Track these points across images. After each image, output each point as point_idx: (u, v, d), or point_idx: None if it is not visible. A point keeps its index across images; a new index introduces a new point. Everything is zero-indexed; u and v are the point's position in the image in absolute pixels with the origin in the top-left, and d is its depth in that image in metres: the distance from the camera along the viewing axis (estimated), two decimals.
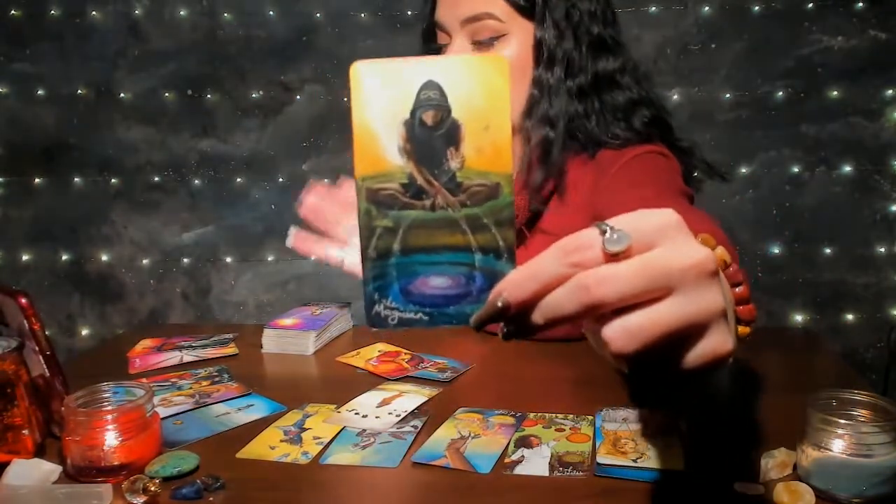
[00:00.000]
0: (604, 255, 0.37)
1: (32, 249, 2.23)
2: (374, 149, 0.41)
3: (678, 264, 0.37)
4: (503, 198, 0.41)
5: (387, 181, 0.41)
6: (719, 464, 0.67)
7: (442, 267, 0.41)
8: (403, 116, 0.41)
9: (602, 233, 0.37)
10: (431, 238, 0.41)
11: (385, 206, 0.41)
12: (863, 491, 0.60)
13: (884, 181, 1.92)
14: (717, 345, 0.38)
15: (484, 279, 0.41)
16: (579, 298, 0.37)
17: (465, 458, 0.70)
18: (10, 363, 0.70)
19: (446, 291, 0.42)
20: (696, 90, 1.94)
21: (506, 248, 0.41)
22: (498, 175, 0.41)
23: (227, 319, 2.21)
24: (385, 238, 0.41)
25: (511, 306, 0.39)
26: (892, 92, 1.87)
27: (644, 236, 0.37)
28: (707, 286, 0.37)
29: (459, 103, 0.40)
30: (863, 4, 1.85)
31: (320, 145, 2.09)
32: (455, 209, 0.41)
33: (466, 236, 0.41)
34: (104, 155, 2.16)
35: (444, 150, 0.41)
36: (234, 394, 0.88)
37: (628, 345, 0.36)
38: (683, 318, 0.37)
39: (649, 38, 1.93)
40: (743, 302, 0.51)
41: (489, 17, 0.98)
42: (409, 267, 0.41)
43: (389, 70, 0.41)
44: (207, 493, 0.64)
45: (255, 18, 2.05)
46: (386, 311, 0.42)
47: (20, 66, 2.14)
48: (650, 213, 0.38)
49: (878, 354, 1.96)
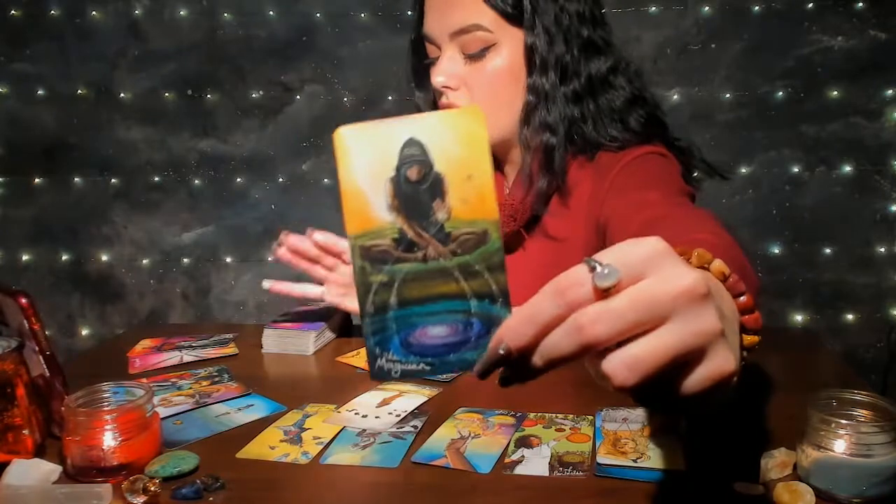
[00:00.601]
0: (595, 292, 0.37)
1: (32, 249, 2.24)
2: (363, 208, 0.42)
3: (669, 292, 0.37)
4: (492, 243, 0.42)
5: (378, 237, 0.42)
6: (719, 464, 0.67)
7: (439, 316, 0.42)
8: (389, 174, 0.42)
9: (591, 269, 0.38)
10: (426, 289, 0.42)
11: (379, 262, 0.42)
12: (863, 491, 0.60)
13: (884, 181, 1.92)
14: (718, 366, 0.38)
15: (481, 325, 0.42)
16: (575, 339, 0.37)
17: (465, 458, 0.70)
18: (10, 363, 0.70)
19: (446, 340, 0.42)
20: (696, 90, 1.94)
21: (500, 292, 0.42)
22: (485, 222, 0.42)
23: (227, 319, 2.21)
24: (381, 293, 0.42)
25: (512, 352, 0.39)
26: (892, 92, 1.88)
27: (633, 268, 0.38)
28: (700, 309, 0.37)
29: (441, 157, 0.42)
30: (863, 4, 1.85)
31: (320, 145, 2.09)
32: (447, 259, 0.42)
33: (460, 284, 0.42)
34: (104, 155, 2.16)
35: (430, 203, 0.42)
36: (234, 394, 0.88)
37: (629, 378, 0.37)
38: (680, 345, 0.37)
39: (649, 38, 1.93)
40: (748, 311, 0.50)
41: (478, 28, 0.97)
42: (407, 319, 0.42)
43: (372, 132, 0.42)
44: (207, 494, 0.64)
45: (255, 18, 2.06)
46: (388, 365, 0.43)
47: (20, 66, 2.14)
48: (636, 244, 0.39)
49: (878, 354, 1.96)
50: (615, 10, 1.90)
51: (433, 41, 1.02)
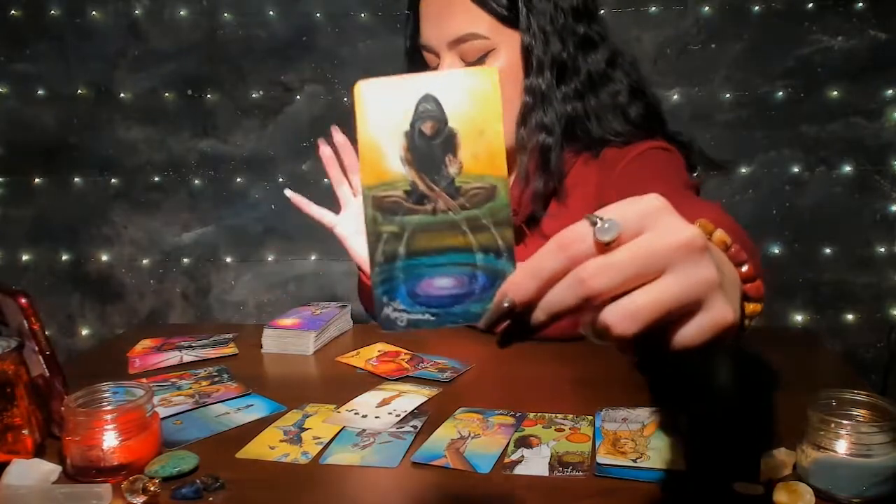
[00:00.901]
0: (596, 246, 0.39)
1: (32, 249, 2.23)
2: (377, 160, 0.43)
3: (667, 244, 0.38)
4: (500, 199, 0.43)
5: (391, 189, 0.43)
6: (719, 464, 0.67)
7: (446, 268, 0.43)
8: (404, 128, 0.43)
9: (592, 224, 0.39)
10: (434, 240, 0.43)
11: (390, 213, 0.43)
12: (863, 491, 0.60)
13: (884, 181, 1.92)
14: (717, 316, 0.39)
15: (486, 278, 0.43)
16: (577, 292, 0.39)
17: (465, 458, 0.70)
18: (10, 363, 0.70)
19: (451, 291, 0.44)
20: (696, 90, 1.94)
21: (505, 247, 0.43)
22: (494, 178, 0.43)
23: (227, 319, 2.21)
24: (391, 242, 0.43)
25: (517, 305, 0.40)
26: (892, 92, 1.87)
27: (633, 223, 0.39)
28: (697, 260, 0.39)
29: (454, 113, 0.43)
30: (863, 4, 1.85)
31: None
32: (455, 212, 0.43)
33: (467, 237, 0.43)
34: (104, 155, 2.16)
35: (442, 158, 0.43)
36: (233, 394, 0.88)
37: (629, 327, 0.38)
38: (679, 294, 0.38)
39: (649, 38, 1.93)
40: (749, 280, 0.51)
41: (474, 37, 0.98)
42: (414, 269, 0.44)
43: (389, 87, 0.44)
44: (207, 493, 0.64)
45: (255, 18, 2.06)
46: (395, 314, 0.44)
47: (20, 66, 2.14)
48: (637, 200, 0.40)
49: (878, 354, 1.96)
50: (615, 10, 1.90)
51: (431, 50, 1.02)
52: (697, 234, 0.39)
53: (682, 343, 0.39)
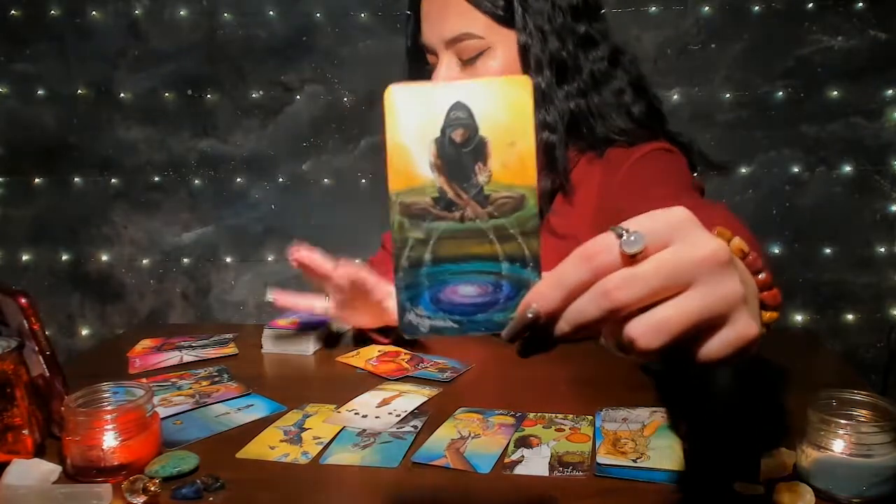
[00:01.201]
0: (622, 258, 0.39)
1: (32, 249, 2.23)
2: (406, 165, 0.43)
3: (693, 258, 0.38)
4: (528, 209, 0.43)
5: (419, 195, 0.43)
6: (719, 464, 0.67)
7: (470, 276, 0.43)
8: (434, 135, 0.43)
9: (619, 236, 0.39)
10: (460, 248, 0.43)
11: (417, 219, 0.43)
12: (863, 491, 0.60)
13: (884, 181, 1.92)
14: (742, 330, 0.39)
15: (511, 287, 0.43)
16: (601, 304, 0.38)
17: (465, 458, 0.70)
18: (10, 363, 0.70)
19: (475, 300, 0.43)
20: (696, 90, 1.94)
21: (531, 257, 0.43)
22: (523, 187, 0.43)
23: (227, 319, 2.21)
24: (417, 249, 0.43)
25: (541, 316, 0.40)
26: (892, 92, 1.87)
27: (658, 236, 0.39)
28: (723, 275, 0.38)
29: (486, 121, 0.43)
30: (863, 4, 1.85)
31: (320, 145, 2.09)
32: (483, 220, 0.43)
33: (494, 246, 0.43)
34: (104, 155, 2.16)
35: (472, 166, 0.43)
36: (233, 394, 0.88)
37: (654, 340, 0.38)
38: (704, 309, 0.38)
39: (649, 38, 1.93)
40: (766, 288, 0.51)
41: (469, 36, 0.98)
42: (439, 276, 0.43)
43: (421, 93, 0.44)
44: (207, 493, 0.64)
45: (255, 18, 2.05)
46: (417, 319, 0.44)
47: (20, 66, 2.14)
48: (662, 213, 0.40)
49: (878, 354, 1.96)
50: (615, 10, 1.90)
51: (431, 49, 1.03)
52: (723, 247, 0.39)
53: (707, 357, 0.39)
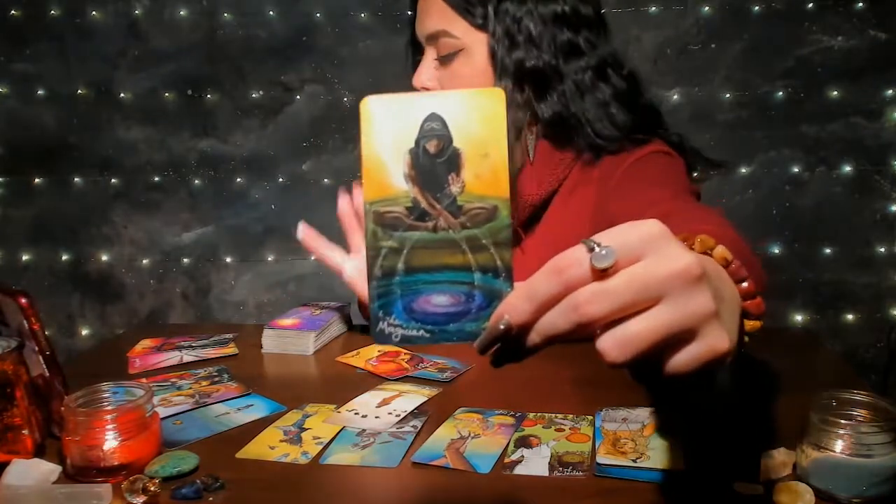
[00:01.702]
0: (592, 272, 0.39)
1: (32, 249, 2.24)
2: (381, 175, 0.44)
3: (663, 273, 0.38)
4: (501, 220, 0.43)
5: (393, 205, 0.44)
6: (719, 464, 0.67)
7: (443, 286, 0.44)
8: (409, 146, 0.44)
9: (590, 250, 0.39)
10: (433, 258, 0.44)
11: (390, 228, 0.44)
12: (863, 491, 0.60)
13: (884, 181, 1.92)
14: (710, 345, 0.39)
15: (483, 297, 0.44)
16: (571, 317, 0.39)
17: (465, 458, 0.70)
18: (10, 363, 0.70)
19: (447, 309, 0.44)
20: (696, 90, 1.94)
21: (504, 268, 0.43)
22: (496, 199, 0.44)
23: (227, 319, 2.21)
24: (390, 258, 0.44)
25: (513, 328, 0.41)
26: (892, 92, 1.88)
27: (630, 249, 0.39)
28: (694, 290, 0.38)
29: (460, 133, 0.44)
30: (863, 4, 1.85)
31: (320, 145, 2.09)
32: (456, 231, 0.44)
33: (466, 256, 0.44)
34: (104, 155, 2.16)
35: (445, 176, 0.44)
36: (233, 394, 0.88)
37: (620, 355, 0.38)
38: (673, 323, 0.38)
39: (649, 38, 1.93)
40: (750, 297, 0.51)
41: (445, 34, 1.02)
42: (412, 286, 0.44)
43: (396, 104, 0.44)
44: (207, 493, 0.64)
45: (255, 18, 2.06)
46: (389, 329, 0.44)
47: (20, 66, 2.14)
48: (635, 226, 0.40)
49: (878, 354, 1.96)
50: (615, 10, 1.90)
51: (419, 43, 1.07)
52: (694, 262, 0.39)
53: (674, 370, 0.39)
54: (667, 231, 0.40)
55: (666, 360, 0.39)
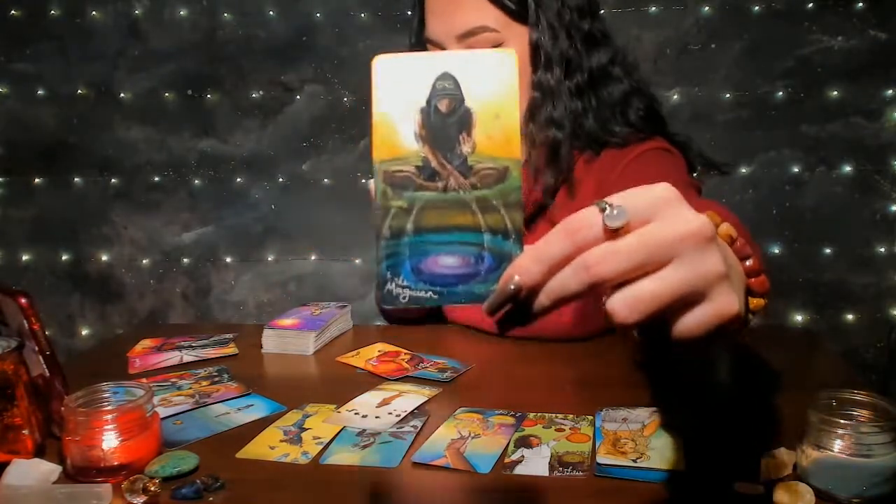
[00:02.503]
0: (604, 233, 0.39)
1: (32, 249, 2.23)
2: (391, 134, 0.43)
3: (675, 234, 0.38)
4: (512, 181, 0.43)
5: (403, 164, 0.43)
6: (719, 464, 0.67)
7: (452, 247, 0.43)
8: (420, 105, 0.43)
9: (602, 210, 0.39)
10: (443, 218, 0.43)
11: (400, 188, 0.43)
12: (863, 491, 0.60)
13: (884, 181, 1.92)
14: (721, 307, 0.39)
15: (492, 259, 0.43)
16: (582, 278, 0.38)
17: (465, 458, 0.70)
18: (10, 363, 0.70)
19: (456, 270, 0.43)
20: (696, 90, 1.94)
21: (514, 230, 0.43)
22: (507, 160, 0.43)
23: (227, 319, 2.21)
24: (399, 218, 0.43)
25: (522, 289, 0.40)
26: (892, 92, 1.87)
27: (642, 211, 0.39)
28: (705, 251, 0.38)
29: (472, 93, 0.43)
30: (863, 4, 1.85)
31: (320, 145, 2.09)
32: (466, 191, 0.43)
33: (476, 217, 0.43)
34: (104, 155, 2.16)
35: (456, 136, 0.43)
36: (233, 394, 0.88)
37: (630, 315, 0.38)
38: (683, 285, 0.38)
39: (649, 38, 1.93)
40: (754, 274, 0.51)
41: (485, 29, 0.97)
42: (420, 246, 0.43)
43: (408, 63, 0.44)
44: (207, 493, 0.64)
45: (255, 18, 2.06)
46: (397, 290, 0.43)
47: (20, 66, 2.14)
48: (647, 189, 0.40)
49: (878, 354, 1.96)
50: (615, 10, 1.90)
51: (438, 45, 1.01)
52: (706, 224, 0.39)
53: (683, 333, 0.39)
54: (678, 194, 0.40)
55: (674, 324, 0.39)
